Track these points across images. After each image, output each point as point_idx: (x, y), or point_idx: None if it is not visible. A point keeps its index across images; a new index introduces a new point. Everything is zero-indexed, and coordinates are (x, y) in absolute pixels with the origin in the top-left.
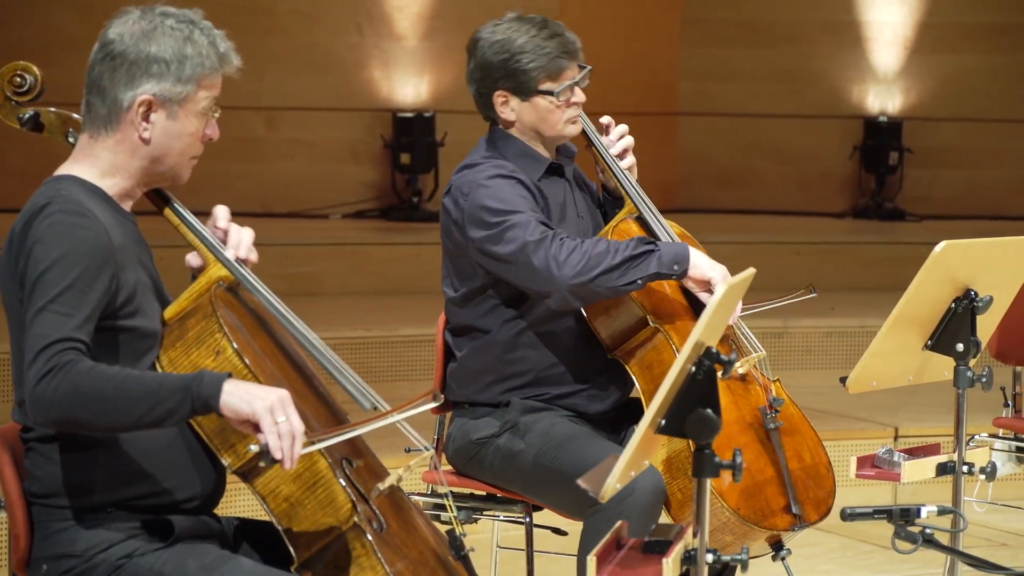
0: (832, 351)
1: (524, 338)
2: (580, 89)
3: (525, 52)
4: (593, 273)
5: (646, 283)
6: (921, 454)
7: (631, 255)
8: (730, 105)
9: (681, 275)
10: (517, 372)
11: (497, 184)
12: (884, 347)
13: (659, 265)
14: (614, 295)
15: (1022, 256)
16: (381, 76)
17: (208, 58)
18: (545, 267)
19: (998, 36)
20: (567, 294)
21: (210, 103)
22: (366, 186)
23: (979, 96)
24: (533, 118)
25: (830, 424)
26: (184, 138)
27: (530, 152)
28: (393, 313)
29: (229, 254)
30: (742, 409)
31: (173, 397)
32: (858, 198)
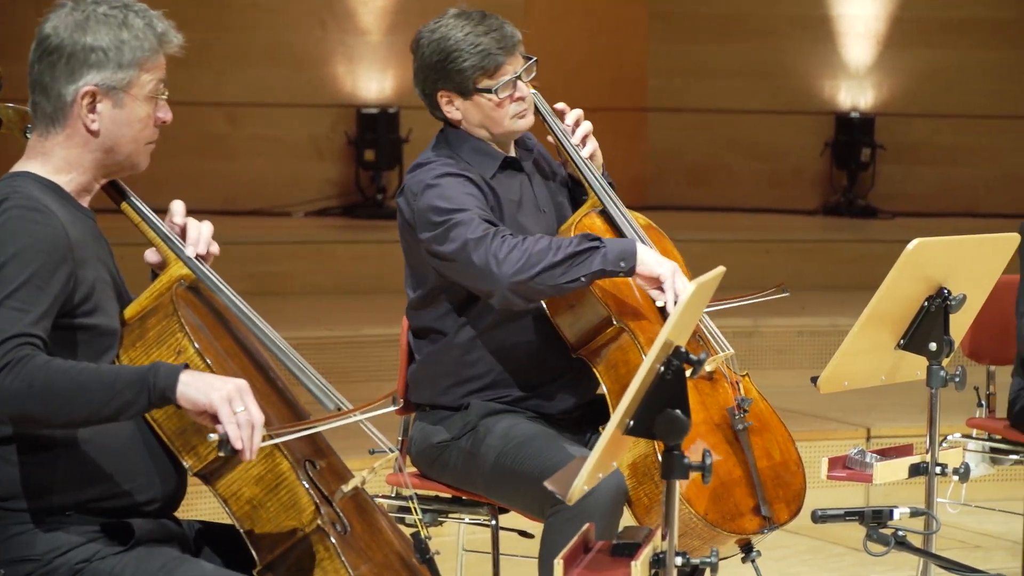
0: (803, 350)
1: (482, 340)
2: (525, 83)
3: (460, 51)
4: (534, 271)
5: (591, 281)
6: (893, 455)
7: (573, 252)
8: (700, 101)
9: (629, 272)
10: (476, 375)
11: (445, 183)
12: (856, 346)
13: (604, 262)
14: (557, 293)
15: (996, 254)
16: (345, 71)
17: (146, 40)
18: (485, 265)
19: (972, 31)
20: (507, 292)
21: (156, 85)
22: (330, 183)
23: (952, 92)
24: (478, 116)
25: (801, 424)
26: (134, 124)
27: (483, 148)
28: (357, 312)
29: (189, 251)
30: (710, 409)
31: (129, 389)
32: (830, 195)
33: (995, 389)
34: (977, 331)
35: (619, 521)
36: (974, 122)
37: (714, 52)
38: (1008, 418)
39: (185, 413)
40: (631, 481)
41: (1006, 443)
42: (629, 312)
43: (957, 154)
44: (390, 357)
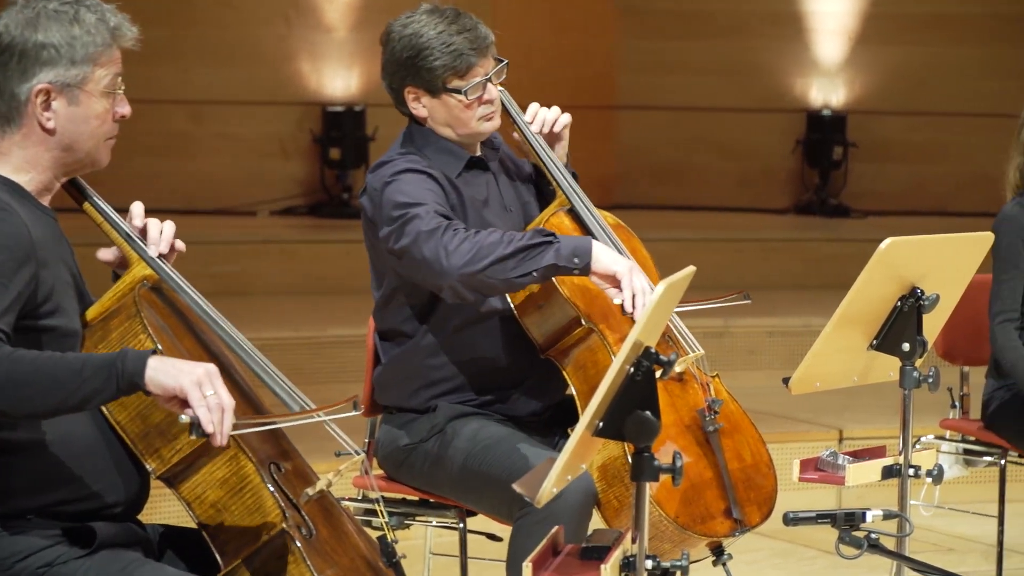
0: (774, 351)
1: (448, 343)
2: (495, 85)
3: (431, 49)
4: (483, 263)
5: (543, 277)
6: (866, 456)
7: (525, 245)
8: (669, 98)
9: (583, 269)
10: (443, 378)
11: (404, 178)
12: (828, 347)
13: (556, 257)
14: (509, 288)
15: (969, 253)
16: (310, 69)
17: (99, 35)
18: (435, 257)
19: (945, 27)
20: (457, 284)
21: (113, 80)
22: (295, 182)
23: (925, 89)
24: (445, 116)
25: (772, 426)
26: (92, 121)
27: (448, 147)
28: (323, 313)
29: (152, 251)
30: (680, 411)
31: (97, 376)
32: (801, 194)
33: (969, 390)
34: (950, 331)
35: (588, 524)
36: (947, 120)
37: (683, 49)
38: (982, 419)
39: (148, 416)
40: (601, 483)
41: (980, 445)
42: (598, 313)
43: (930, 152)
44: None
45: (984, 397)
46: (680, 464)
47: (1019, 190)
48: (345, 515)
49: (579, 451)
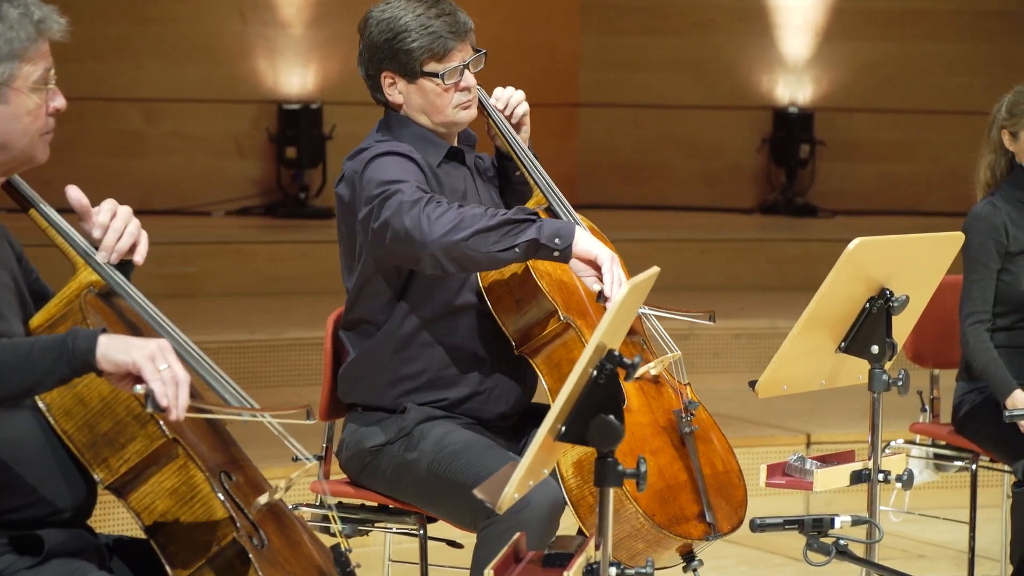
0: (741, 354)
1: (418, 336)
2: (472, 73)
3: (409, 31)
4: (466, 232)
5: (524, 253)
6: (834, 461)
7: (509, 219)
8: (633, 96)
9: (564, 251)
10: (411, 373)
11: (385, 160)
12: (795, 349)
13: (538, 233)
14: (489, 262)
15: (939, 253)
16: (266, 66)
17: (23, 29)
18: (416, 226)
19: (914, 22)
20: (439, 253)
21: (43, 74)
22: (250, 181)
23: (894, 86)
24: (420, 101)
25: (739, 430)
26: (24, 118)
27: (427, 136)
28: (279, 315)
29: (100, 257)
30: (655, 412)
31: (47, 356)
32: (767, 193)
33: (939, 393)
34: (920, 334)
35: (555, 534)
36: (917, 117)
37: (648, 45)
38: (952, 423)
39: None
40: (575, 480)
41: (950, 449)
42: (575, 308)
43: (899, 150)
44: (312, 361)
45: (955, 401)
46: (644, 469)
47: (990, 189)
48: (299, 524)
49: (541, 456)
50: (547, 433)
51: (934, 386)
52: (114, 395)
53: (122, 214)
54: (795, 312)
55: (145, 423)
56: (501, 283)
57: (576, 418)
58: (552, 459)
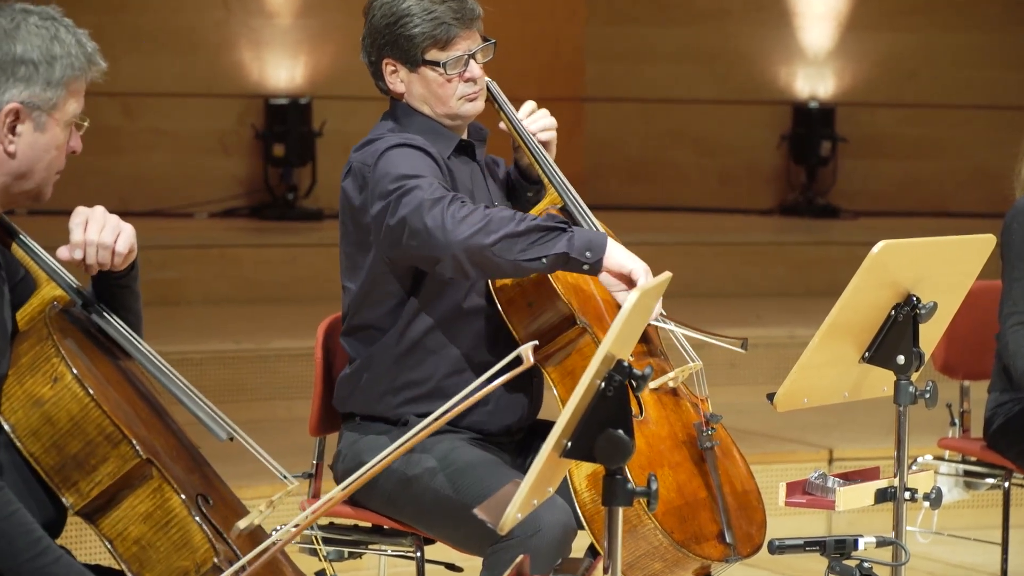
0: (758, 364)
1: (425, 340)
2: (479, 64)
3: (411, 16)
4: (493, 236)
5: (551, 267)
6: (858, 479)
7: (539, 226)
8: (642, 89)
9: (594, 265)
10: (415, 380)
11: (400, 152)
12: (816, 360)
13: (568, 247)
14: (514, 270)
15: (969, 257)
16: (251, 58)
17: (77, 59)
18: (439, 225)
19: (942, 11)
20: (462, 256)
21: (78, 111)
22: (235, 181)
23: (921, 79)
24: (422, 91)
25: (757, 446)
26: (52, 151)
27: (435, 128)
28: (266, 323)
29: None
30: (674, 424)
31: None
32: (786, 193)
33: (969, 406)
34: (950, 342)
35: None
36: (945, 112)
37: (658, 35)
38: (984, 438)
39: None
40: (590, 493)
41: (982, 466)
42: (592, 314)
43: (926, 147)
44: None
45: (986, 413)
46: (655, 487)
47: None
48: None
49: (547, 473)
50: (552, 448)
51: (964, 398)
52: (84, 414)
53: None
54: (816, 320)
55: (117, 443)
56: (513, 285)
57: (583, 433)
58: (558, 477)
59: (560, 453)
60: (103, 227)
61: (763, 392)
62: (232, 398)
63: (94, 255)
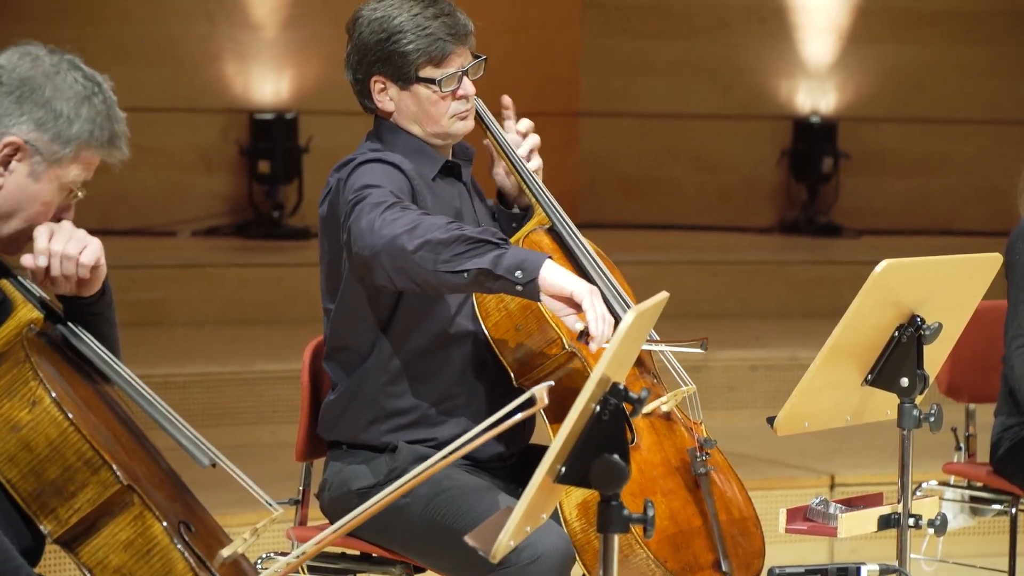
0: (757, 387)
1: (411, 368)
2: (471, 81)
3: (404, 32)
4: (416, 241)
5: (475, 282)
6: (861, 505)
7: (467, 237)
8: (638, 104)
9: (528, 286)
10: (402, 409)
11: (368, 167)
12: (817, 382)
13: (494, 263)
14: (436, 282)
15: (975, 277)
16: (235, 71)
17: (100, 129)
18: (369, 228)
19: (948, 23)
20: (385, 260)
21: (79, 180)
22: (219, 199)
23: (926, 93)
24: (414, 109)
25: (756, 471)
26: (37, 205)
27: (421, 147)
28: (251, 345)
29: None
30: (667, 450)
31: None
32: (787, 211)
33: (975, 430)
34: (955, 365)
35: None
36: (951, 127)
37: (655, 48)
38: (990, 463)
39: (42, 473)
40: (580, 523)
41: (988, 491)
42: None
43: (931, 164)
44: (288, 396)
45: (993, 438)
46: (652, 514)
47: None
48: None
49: (540, 499)
50: (546, 474)
51: (970, 422)
52: (62, 439)
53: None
54: (817, 341)
55: (97, 469)
56: (499, 308)
57: (577, 458)
58: (551, 503)
59: (554, 479)
60: (69, 239)
61: (763, 416)
62: (215, 422)
63: (58, 266)
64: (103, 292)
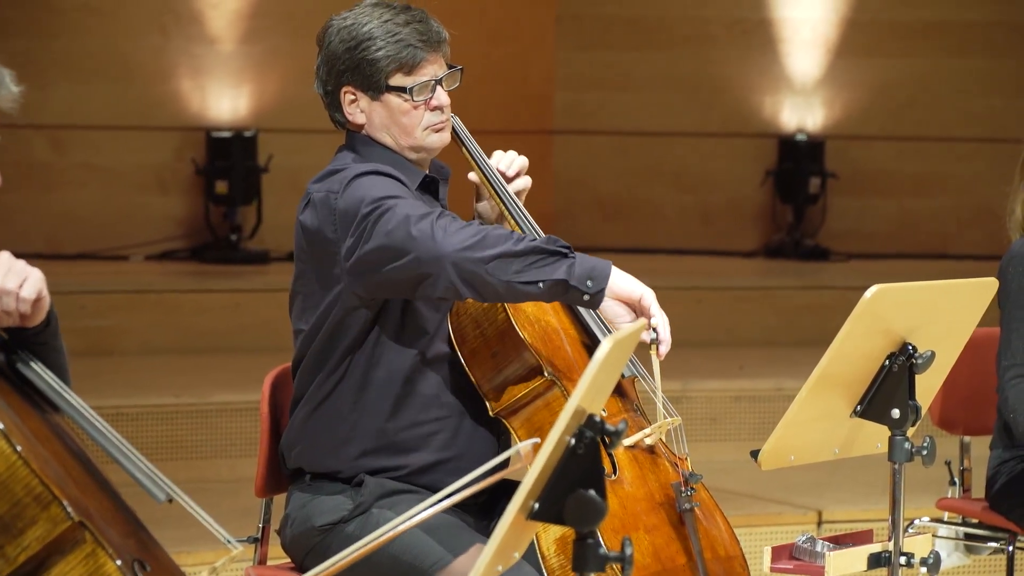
0: (741, 419)
1: (384, 389)
2: (445, 91)
3: (374, 39)
4: (489, 252)
5: (549, 292)
6: (849, 543)
7: (539, 248)
8: (616, 121)
9: (595, 296)
10: (370, 432)
11: (371, 179)
12: (804, 414)
13: (568, 273)
14: (508, 293)
15: (970, 303)
16: (191, 87)
17: None
18: (428, 235)
19: (941, 36)
20: (452, 270)
21: None
22: (174, 221)
23: (918, 109)
24: (386, 120)
25: (740, 507)
26: None
27: (399, 162)
28: (208, 375)
29: None
30: (651, 485)
31: None
32: (772, 233)
33: (970, 464)
34: (948, 395)
35: None
36: (944, 146)
37: (633, 62)
38: (986, 498)
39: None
40: (558, 559)
41: (983, 528)
42: (561, 364)
43: (923, 184)
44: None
45: (988, 472)
46: (630, 552)
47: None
48: None
49: (512, 537)
50: (518, 510)
51: (964, 455)
52: (10, 473)
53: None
54: (804, 371)
55: (47, 504)
56: (476, 333)
57: (551, 493)
58: (525, 541)
59: (527, 515)
60: (7, 272)
61: (747, 449)
62: (170, 456)
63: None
64: (48, 322)
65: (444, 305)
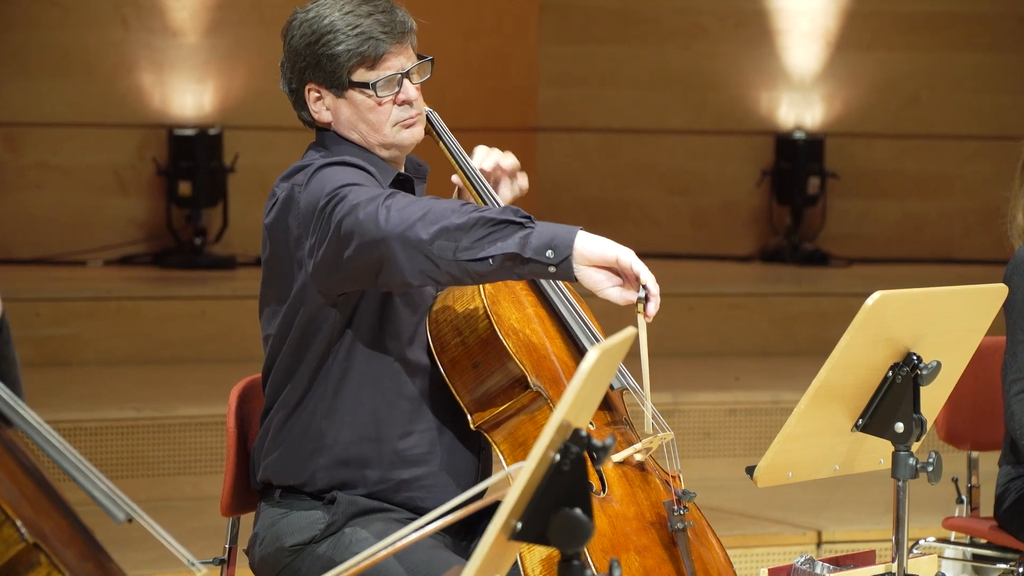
0: (736, 433)
1: (358, 396)
2: (413, 85)
3: (335, 32)
4: (431, 229)
5: (503, 271)
6: (851, 564)
7: (487, 218)
8: (603, 118)
9: (562, 266)
10: (343, 443)
11: (333, 169)
12: (803, 428)
13: (521, 246)
14: (459, 274)
15: (977, 310)
16: (152, 82)
17: None
18: (373, 217)
19: (946, 29)
20: (400, 253)
21: None
22: (134, 224)
23: (922, 106)
24: (352, 118)
25: (734, 527)
26: None
27: (371, 159)
28: (171, 388)
29: None
30: (641, 503)
31: None
32: (769, 237)
33: (978, 481)
34: (955, 408)
35: None
36: (949, 144)
37: (622, 56)
38: (995, 517)
39: None
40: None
41: (992, 548)
42: (547, 375)
43: (928, 184)
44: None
45: (997, 490)
46: (618, 574)
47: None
48: None
49: (493, 558)
50: (500, 530)
51: (972, 472)
52: None
53: None
54: (802, 382)
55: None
56: (456, 341)
57: (535, 512)
58: (507, 562)
59: (509, 535)
60: None
61: (742, 465)
62: (131, 473)
63: None
64: (0, 330)
65: (421, 307)
